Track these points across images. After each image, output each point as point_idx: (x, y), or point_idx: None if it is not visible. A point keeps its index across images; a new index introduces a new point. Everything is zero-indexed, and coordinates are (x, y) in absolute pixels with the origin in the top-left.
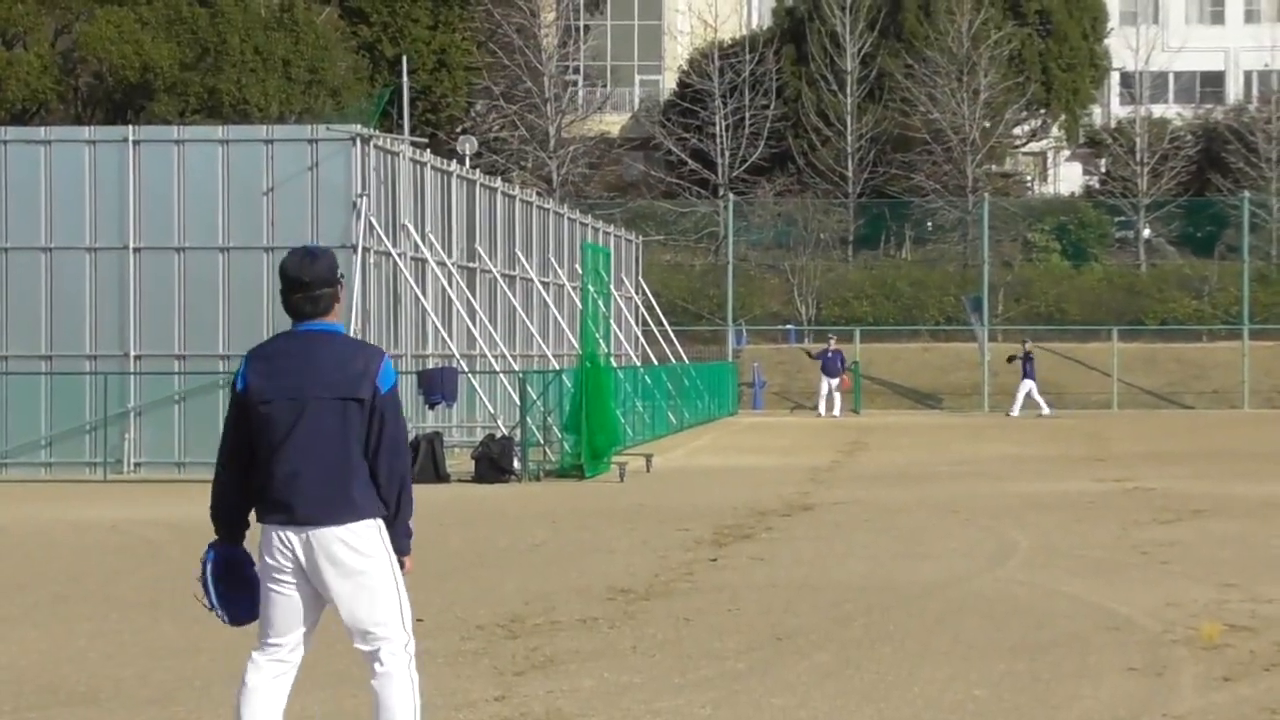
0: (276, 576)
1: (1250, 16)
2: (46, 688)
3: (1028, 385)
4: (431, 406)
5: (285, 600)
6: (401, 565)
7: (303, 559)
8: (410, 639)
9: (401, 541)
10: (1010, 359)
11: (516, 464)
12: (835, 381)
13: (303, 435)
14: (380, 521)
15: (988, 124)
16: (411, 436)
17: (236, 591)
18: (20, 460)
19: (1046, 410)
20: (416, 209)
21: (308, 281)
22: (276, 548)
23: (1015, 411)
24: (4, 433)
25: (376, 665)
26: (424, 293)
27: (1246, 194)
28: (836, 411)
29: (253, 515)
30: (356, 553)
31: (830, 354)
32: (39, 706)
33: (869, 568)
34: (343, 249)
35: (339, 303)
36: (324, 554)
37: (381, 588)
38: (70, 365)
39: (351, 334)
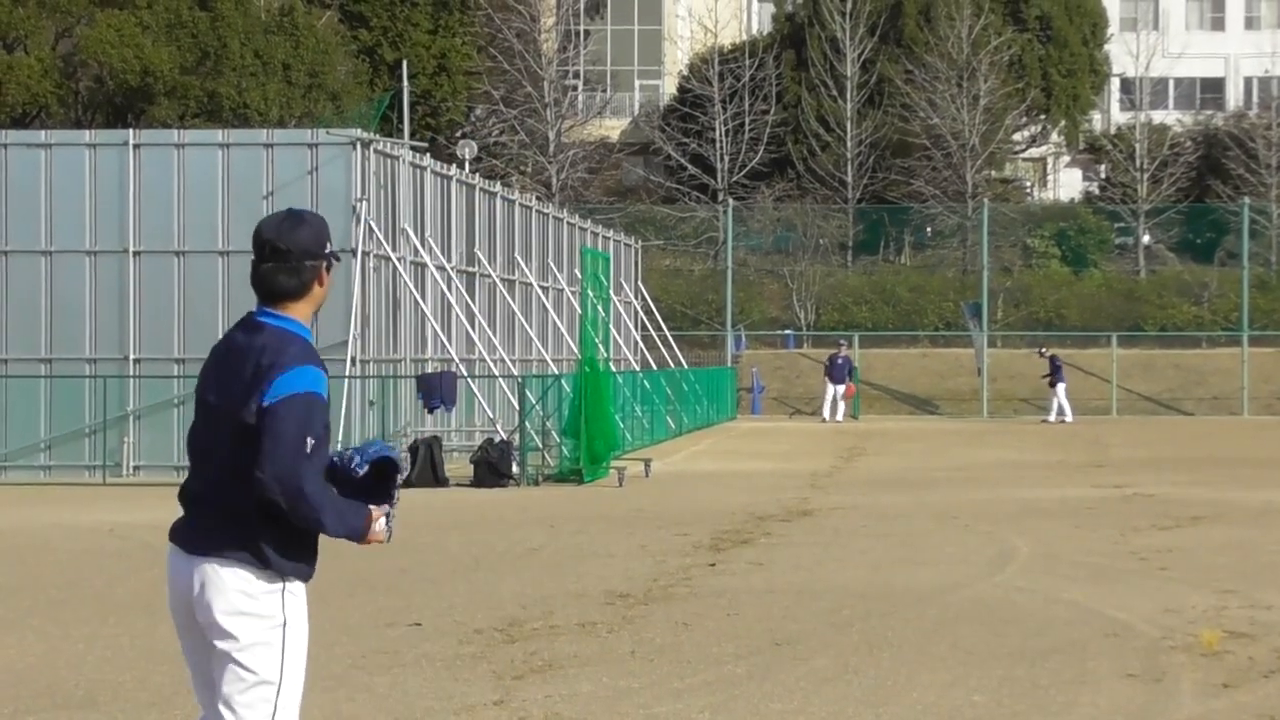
0: (175, 616)
1: (1250, 23)
2: (44, 691)
3: (1061, 388)
4: (430, 411)
5: (195, 656)
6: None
7: (187, 593)
8: None
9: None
10: (1046, 376)
11: (515, 468)
12: (841, 388)
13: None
14: (263, 574)
15: (987, 129)
16: (411, 441)
17: None
18: (20, 463)
19: (1069, 418)
20: (416, 213)
21: (284, 250)
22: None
23: (1054, 417)
24: (3, 435)
25: None
26: (423, 297)
27: (1246, 200)
28: (839, 417)
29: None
30: (225, 600)
31: (840, 359)
32: (36, 710)
33: (868, 573)
34: (342, 253)
35: (321, 287)
36: (205, 591)
37: (241, 662)
38: (70, 368)
39: (350, 339)
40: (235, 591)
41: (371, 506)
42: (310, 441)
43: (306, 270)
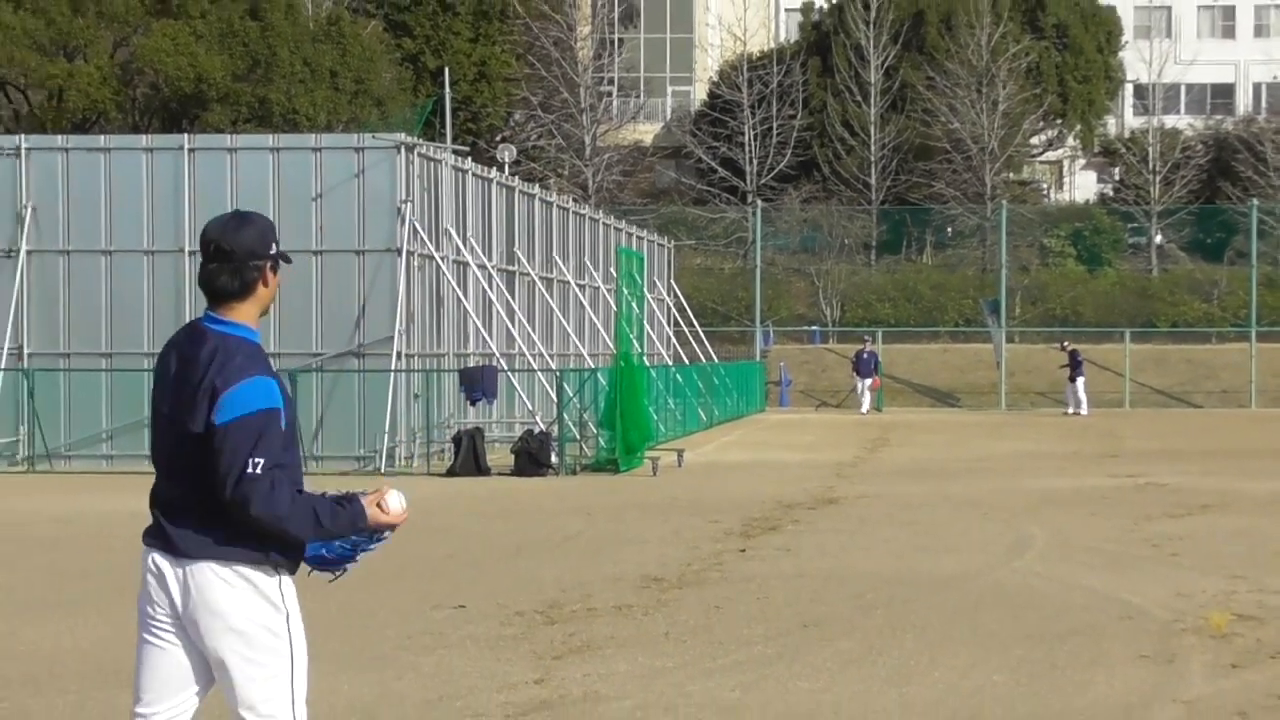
0: (150, 616)
1: (1260, 31)
2: (109, 670)
3: (1081, 382)
4: (473, 403)
5: (159, 653)
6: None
7: (178, 599)
8: None
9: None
10: (1063, 367)
11: (554, 458)
12: (869, 381)
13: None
14: (261, 569)
15: (1006, 134)
16: (454, 432)
17: None
18: (83, 453)
19: (1084, 411)
20: (458, 214)
21: (228, 250)
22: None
23: (1084, 410)
24: (67, 426)
25: None
26: (465, 294)
27: (1255, 201)
28: (865, 409)
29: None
30: (231, 599)
31: (866, 355)
32: (102, 687)
33: (891, 559)
34: (388, 252)
35: (266, 288)
36: (205, 594)
37: (255, 660)
38: (129, 362)
39: (396, 334)
40: (241, 589)
41: (363, 495)
42: (257, 463)
43: (250, 270)
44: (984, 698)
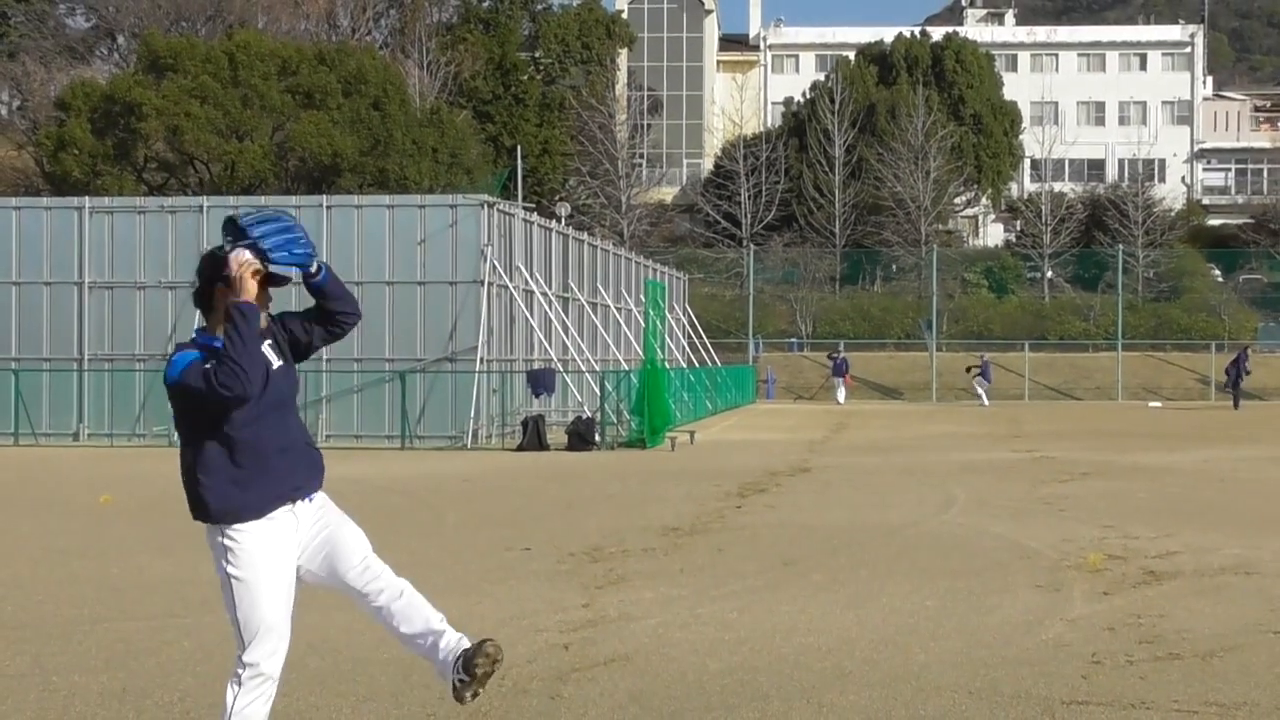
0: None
1: (1123, 120)
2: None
3: (984, 384)
4: (537, 396)
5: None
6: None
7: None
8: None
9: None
10: (969, 369)
11: (597, 438)
12: (841, 379)
13: None
14: (218, 527)
15: (936, 195)
16: (522, 417)
17: None
18: None
19: (985, 403)
20: (527, 254)
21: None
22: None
23: (984, 402)
24: None
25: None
26: (532, 314)
27: (1120, 247)
28: (842, 400)
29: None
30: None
31: (840, 360)
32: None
33: (850, 513)
34: (473, 283)
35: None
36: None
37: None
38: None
39: (480, 344)
40: None
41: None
42: None
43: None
44: (919, 617)
